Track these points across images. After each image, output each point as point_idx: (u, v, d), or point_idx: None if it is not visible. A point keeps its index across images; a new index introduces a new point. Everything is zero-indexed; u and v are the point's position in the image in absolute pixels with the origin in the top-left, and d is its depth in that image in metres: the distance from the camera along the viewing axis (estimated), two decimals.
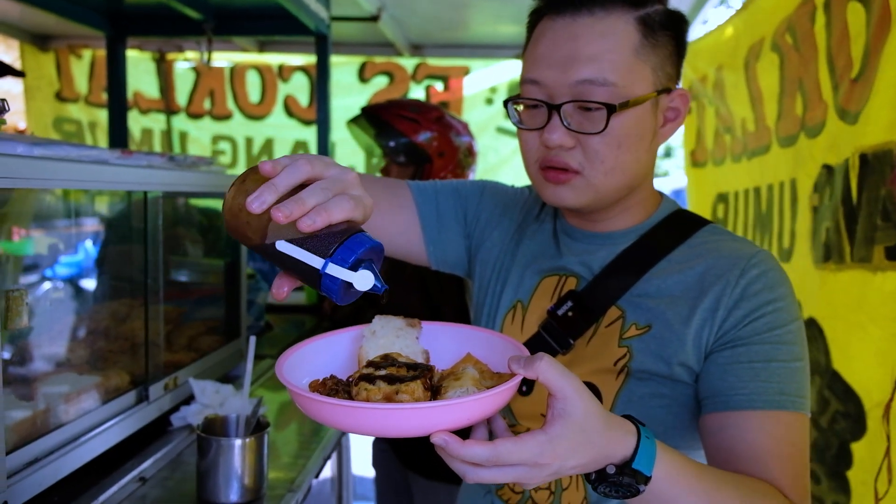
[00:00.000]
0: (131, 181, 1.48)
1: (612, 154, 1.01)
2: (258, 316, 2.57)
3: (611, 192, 1.04)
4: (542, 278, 1.15)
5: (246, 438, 1.28)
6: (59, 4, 2.59)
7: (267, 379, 2.13)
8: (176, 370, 1.68)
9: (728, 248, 1.06)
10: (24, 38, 4.17)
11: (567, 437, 0.74)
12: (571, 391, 0.74)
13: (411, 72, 4.41)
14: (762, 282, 1.00)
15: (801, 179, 1.99)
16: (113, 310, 1.58)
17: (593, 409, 0.76)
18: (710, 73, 3.00)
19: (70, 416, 1.31)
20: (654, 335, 1.02)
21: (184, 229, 1.91)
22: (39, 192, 1.30)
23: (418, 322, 0.92)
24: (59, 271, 1.48)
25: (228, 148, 4.64)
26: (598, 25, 0.99)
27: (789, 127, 2.11)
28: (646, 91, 1.01)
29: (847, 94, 1.66)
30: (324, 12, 2.86)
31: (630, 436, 0.79)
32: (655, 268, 1.07)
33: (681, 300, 1.03)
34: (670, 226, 1.11)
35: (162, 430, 1.61)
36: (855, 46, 1.64)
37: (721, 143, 2.98)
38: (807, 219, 1.91)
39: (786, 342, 0.98)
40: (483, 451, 0.71)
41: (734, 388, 0.96)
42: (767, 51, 2.25)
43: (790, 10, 2.04)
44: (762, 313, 0.98)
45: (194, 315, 1.92)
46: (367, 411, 0.71)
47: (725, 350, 0.99)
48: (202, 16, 2.70)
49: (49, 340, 1.37)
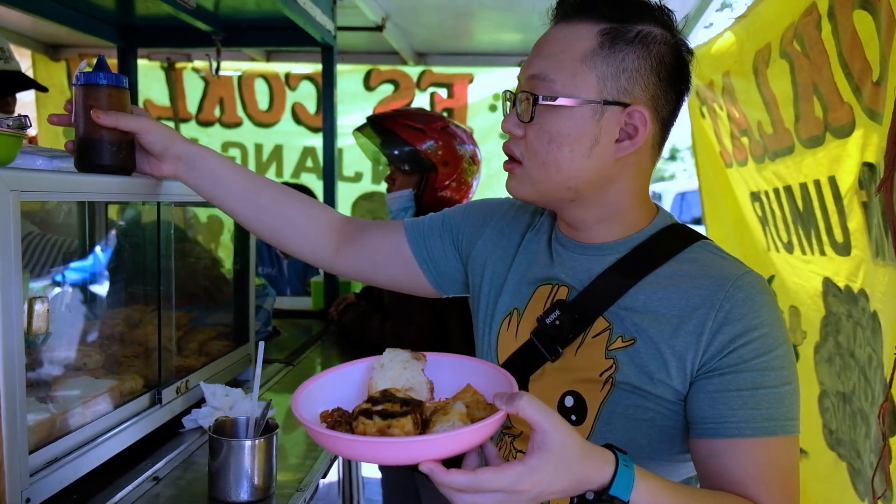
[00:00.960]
0: (146, 192, 1.54)
1: (543, 148, 1.07)
2: (266, 321, 2.63)
3: (550, 189, 1.10)
4: (536, 287, 1.19)
5: (256, 439, 1.33)
6: (72, 17, 2.65)
7: (275, 383, 2.18)
8: (187, 374, 1.73)
9: (715, 267, 1.07)
10: (35, 48, 4.25)
11: (544, 468, 0.82)
12: (549, 426, 0.82)
13: (416, 79, 4.47)
14: (747, 305, 1.01)
15: (840, 177, 2.03)
16: (127, 315, 1.63)
17: (570, 441, 0.83)
18: (716, 79, 3.04)
19: (87, 418, 1.36)
20: (638, 349, 1.05)
21: (195, 237, 1.97)
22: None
23: (423, 355, 1.02)
24: (74, 278, 1.54)
25: (239, 154, 4.71)
26: (563, 31, 1.07)
27: (811, 129, 2.15)
28: (586, 96, 1.04)
29: (872, 96, 1.71)
30: (330, 24, 2.92)
31: (608, 464, 0.86)
32: (643, 281, 1.08)
33: (664, 318, 1.04)
34: (661, 240, 1.13)
35: (174, 431, 1.66)
36: (869, 51, 1.69)
37: (739, 145, 3.02)
38: (858, 214, 1.94)
39: (773, 367, 1.00)
40: (464, 479, 0.80)
41: (723, 416, 1.00)
42: (777, 57, 2.29)
43: (794, 17, 2.09)
44: (748, 339, 1.00)
45: (204, 321, 1.98)
46: (362, 443, 0.83)
47: (713, 377, 1.01)
48: (211, 28, 2.76)
49: (66, 345, 1.42)
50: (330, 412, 0.92)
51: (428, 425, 0.86)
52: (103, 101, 1.33)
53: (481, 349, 1.27)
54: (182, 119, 4.65)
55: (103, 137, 1.33)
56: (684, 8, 3.33)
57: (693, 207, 10.91)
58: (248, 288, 2.13)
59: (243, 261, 2.12)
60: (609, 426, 1.06)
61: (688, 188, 12.73)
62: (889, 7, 1.55)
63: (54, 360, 1.37)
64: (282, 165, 4.70)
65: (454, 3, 3.34)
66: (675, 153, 24.45)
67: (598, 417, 1.07)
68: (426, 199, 2.49)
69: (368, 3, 3.29)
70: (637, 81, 1.05)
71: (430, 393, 0.99)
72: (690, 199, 11.35)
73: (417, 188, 2.49)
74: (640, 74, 1.05)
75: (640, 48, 1.04)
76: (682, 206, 11.36)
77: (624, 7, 1.05)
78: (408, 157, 2.49)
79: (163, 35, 3.11)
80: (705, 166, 3.69)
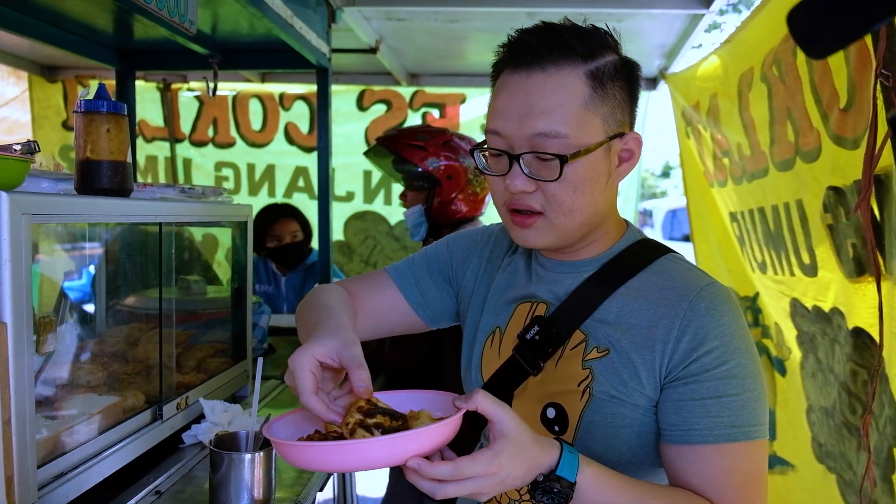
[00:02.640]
0: (148, 214, 1.58)
1: (570, 198, 1.10)
2: (262, 339, 2.66)
3: (572, 230, 1.14)
4: (516, 306, 1.25)
5: (256, 453, 1.37)
6: (71, 41, 2.69)
7: (271, 399, 2.22)
8: (187, 390, 1.77)
9: (680, 278, 1.14)
10: (32, 70, 4.28)
11: (506, 451, 0.92)
12: (504, 416, 0.93)
13: (409, 100, 4.53)
14: (709, 315, 1.07)
15: (807, 200, 2.09)
16: (128, 334, 1.67)
17: (522, 429, 0.94)
18: (703, 101, 3.10)
19: (91, 433, 1.40)
20: (612, 360, 1.11)
21: (193, 256, 2.01)
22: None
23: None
24: (77, 297, 1.58)
25: (231, 174, 4.75)
26: (549, 82, 1.07)
27: (784, 152, 2.21)
28: (597, 139, 1.09)
29: (839, 123, 1.77)
30: (325, 46, 2.98)
31: (553, 448, 0.96)
32: (615, 294, 1.15)
33: (635, 329, 1.11)
34: (632, 254, 1.19)
35: (174, 447, 1.70)
36: (838, 78, 1.75)
37: (720, 165, 3.08)
38: (823, 236, 2.00)
39: (735, 375, 1.05)
40: (447, 468, 0.89)
41: (688, 423, 1.05)
42: (757, 81, 2.36)
43: (775, 43, 2.15)
44: (710, 348, 1.05)
45: (203, 338, 2.02)
46: (352, 446, 0.89)
47: (678, 386, 1.07)
48: (208, 51, 2.81)
49: (70, 363, 1.46)
50: (307, 437, 1.00)
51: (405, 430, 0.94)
52: (103, 127, 1.40)
53: (467, 369, 1.32)
54: (176, 139, 4.69)
55: (103, 161, 1.39)
56: (672, 30, 3.41)
57: (684, 225, 11.03)
58: (245, 306, 2.17)
59: (240, 279, 2.16)
60: (590, 434, 1.12)
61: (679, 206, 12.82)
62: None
63: (59, 378, 1.40)
64: (274, 185, 4.74)
65: (447, 27, 3.40)
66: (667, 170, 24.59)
67: (578, 427, 1.12)
68: (436, 213, 2.58)
69: (362, 26, 3.35)
70: (625, 110, 1.14)
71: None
72: (681, 217, 11.47)
73: (426, 203, 2.58)
74: (625, 103, 1.13)
75: (619, 80, 1.11)
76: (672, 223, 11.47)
77: (590, 42, 1.09)
78: (414, 175, 2.59)
79: (160, 58, 3.15)
80: (692, 185, 3.76)
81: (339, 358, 1.01)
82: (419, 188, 2.60)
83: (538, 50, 1.08)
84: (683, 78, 3.37)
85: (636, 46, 3.63)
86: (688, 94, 3.29)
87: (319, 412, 0.97)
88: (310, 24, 2.73)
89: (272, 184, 4.74)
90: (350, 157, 4.45)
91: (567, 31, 1.10)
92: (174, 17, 1.82)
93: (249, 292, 2.19)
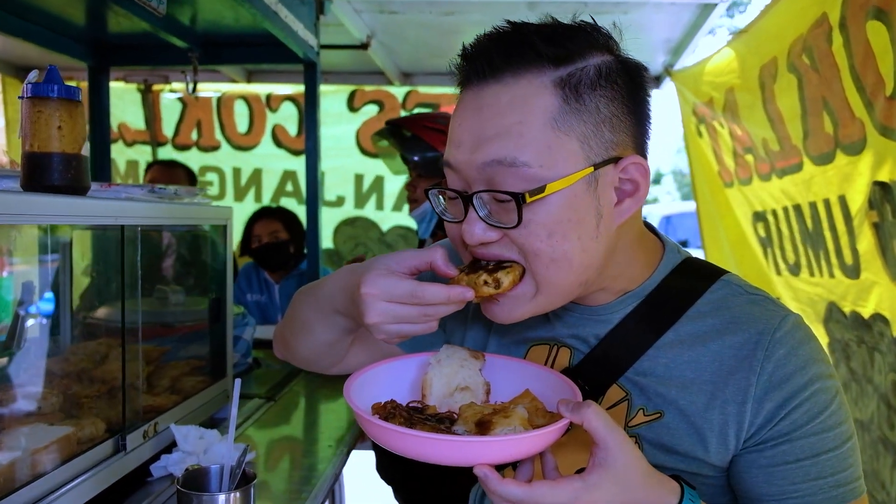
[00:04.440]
0: (107, 215, 1.39)
1: (544, 245, 0.84)
2: (245, 353, 2.47)
3: (560, 291, 0.88)
4: (529, 347, 1.04)
5: (230, 493, 1.18)
6: (40, 34, 2.51)
7: (255, 421, 2.02)
8: (157, 415, 1.57)
9: (745, 316, 0.91)
10: (5, 70, 4.11)
11: (603, 487, 0.76)
12: (614, 443, 0.75)
13: (401, 100, 4.38)
14: (793, 363, 0.88)
15: (850, 196, 1.96)
16: (89, 351, 1.48)
17: (634, 464, 0.76)
18: (717, 96, 2.97)
19: (38, 470, 1.20)
20: (666, 425, 0.91)
21: (167, 263, 1.82)
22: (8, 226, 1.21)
23: (482, 355, 0.98)
24: (29, 310, 1.38)
25: (216, 178, 4.57)
26: (505, 95, 0.83)
27: (821, 145, 2.07)
28: (574, 168, 0.83)
29: (886, 112, 1.63)
30: (313, 39, 2.80)
31: (672, 496, 0.79)
32: (661, 340, 0.93)
33: (695, 385, 0.90)
34: (677, 286, 0.96)
35: (141, 480, 1.50)
36: (883, 64, 1.61)
37: (743, 163, 2.95)
38: (868, 235, 1.86)
39: (832, 426, 0.87)
40: (518, 490, 0.74)
41: (785, 492, 0.87)
42: (784, 72, 2.23)
43: (803, 30, 2.02)
44: (799, 401, 0.87)
45: (177, 354, 1.82)
46: (415, 438, 0.77)
47: (766, 450, 0.88)
48: (187, 44, 2.63)
49: (17, 387, 1.27)
50: (383, 404, 0.91)
51: (488, 426, 0.81)
52: (54, 115, 1.20)
53: None
54: (158, 143, 4.51)
55: (53, 154, 1.19)
56: (674, 34, 3.26)
57: (678, 230, 10.90)
58: (225, 318, 1.98)
59: (220, 288, 1.97)
60: None
61: (673, 211, 12.75)
62: None
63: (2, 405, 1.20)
64: (261, 190, 4.56)
65: (441, 20, 3.24)
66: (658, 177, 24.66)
67: None
68: None
69: (353, 19, 3.19)
70: (619, 128, 0.87)
71: (486, 395, 0.96)
72: (676, 222, 11.35)
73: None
74: (619, 119, 0.86)
75: (607, 88, 0.85)
76: (667, 229, 11.36)
77: (563, 41, 0.84)
78: (430, 161, 2.41)
79: (136, 53, 2.97)
80: (702, 187, 3.62)
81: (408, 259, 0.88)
82: (433, 176, 2.41)
83: (490, 56, 0.84)
84: (692, 74, 3.23)
85: (640, 42, 3.47)
86: (698, 90, 3.15)
87: (444, 296, 0.84)
88: (296, 14, 2.55)
89: (259, 188, 4.56)
90: (340, 159, 4.29)
91: (534, 31, 0.85)
92: None
93: (230, 302, 1.99)
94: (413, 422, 0.86)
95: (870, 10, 1.61)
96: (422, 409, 0.93)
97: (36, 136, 1.22)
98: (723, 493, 0.94)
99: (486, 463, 0.75)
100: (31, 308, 1.38)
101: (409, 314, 0.86)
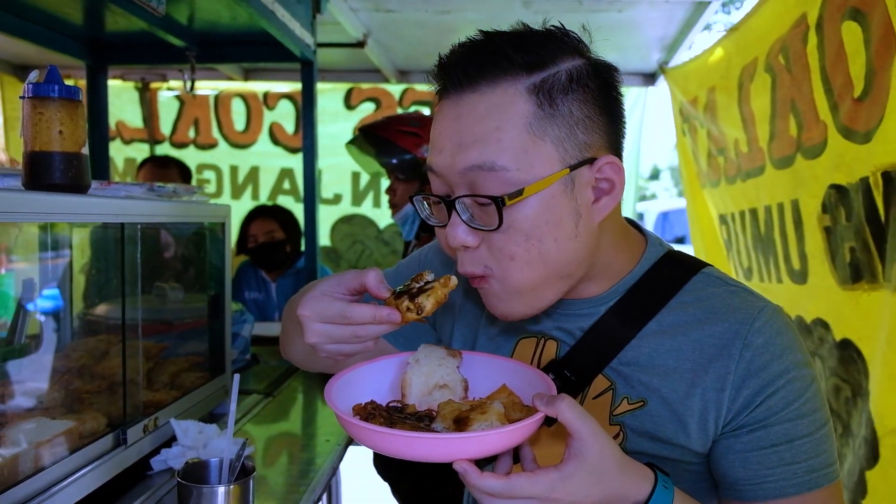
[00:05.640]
0: (108, 213, 1.41)
1: (522, 248, 0.87)
2: (243, 349, 2.49)
3: (541, 285, 0.91)
4: (518, 340, 1.06)
5: (230, 485, 1.20)
6: (38, 32, 2.52)
7: (253, 416, 2.05)
8: (156, 410, 1.60)
9: (724, 307, 0.94)
10: (3, 69, 4.11)
11: (579, 476, 0.78)
12: (588, 433, 0.78)
13: (398, 98, 4.39)
14: (769, 352, 0.90)
15: (804, 200, 1.95)
16: (90, 347, 1.50)
17: (609, 452, 0.79)
18: (701, 95, 2.97)
19: (41, 463, 1.22)
20: (649, 412, 0.93)
21: (165, 261, 1.84)
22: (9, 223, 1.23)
23: (459, 353, 1.00)
24: (30, 307, 1.40)
25: (213, 176, 4.58)
26: (482, 103, 0.86)
27: (784, 148, 2.07)
28: (550, 170, 0.86)
29: (851, 113, 1.63)
30: (309, 38, 2.82)
31: (646, 481, 0.82)
32: (644, 330, 0.96)
33: (676, 374, 0.93)
34: (659, 277, 0.99)
35: (141, 474, 1.52)
36: (854, 65, 1.61)
37: (715, 164, 2.95)
38: (818, 239, 1.86)
39: (806, 413, 0.90)
40: (497, 483, 0.77)
41: (760, 476, 0.90)
42: (761, 72, 2.23)
43: (784, 30, 2.02)
44: (775, 388, 0.89)
45: (176, 351, 1.84)
46: (396, 438, 0.80)
47: (742, 435, 0.90)
48: (185, 43, 2.65)
49: (19, 382, 1.29)
50: (363, 405, 0.92)
51: (465, 423, 0.84)
52: (55, 115, 1.22)
53: None
54: (156, 141, 4.52)
55: (54, 153, 1.21)
56: (669, 31, 3.28)
57: (676, 227, 10.92)
58: (223, 314, 2.00)
59: (218, 286, 1.99)
60: None
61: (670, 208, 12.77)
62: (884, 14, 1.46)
63: (5, 400, 1.23)
64: (258, 188, 4.58)
65: (437, 19, 3.26)
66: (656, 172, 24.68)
67: None
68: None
69: (349, 18, 3.20)
70: (592, 129, 0.89)
71: (464, 391, 0.98)
72: (673, 219, 11.36)
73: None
74: (592, 120, 0.89)
75: (579, 92, 0.88)
76: (664, 225, 11.36)
77: (534, 48, 0.87)
78: (408, 164, 2.42)
79: (134, 52, 2.98)
80: (688, 186, 3.65)
81: (344, 282, 0.91)
82: (411, 179, 2.43)
83: (465, 66, 0.87)
84: (683, 72, 3.25)
85: (634, 40, 3.50)
86: (686, 88, 3.17)
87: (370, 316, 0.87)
88: (293, 13, 2.57)
89: (256, 186, 4.58)
90: (337, 157, 4.29)
91: (506, 40, 0.88)
92: None
93: (228, 300, 2.01)
94: (393, 421, 0.88)
95: (847, 10, 1.61)
96: (401, 409, 0.95)
97: (37, 136, 1.24)
98: (705, 481, 0.96)
99: (465, 458, 0.77)
100: (32, 305, 1.40)
101: (342, 334, 0.89)
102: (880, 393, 1.50)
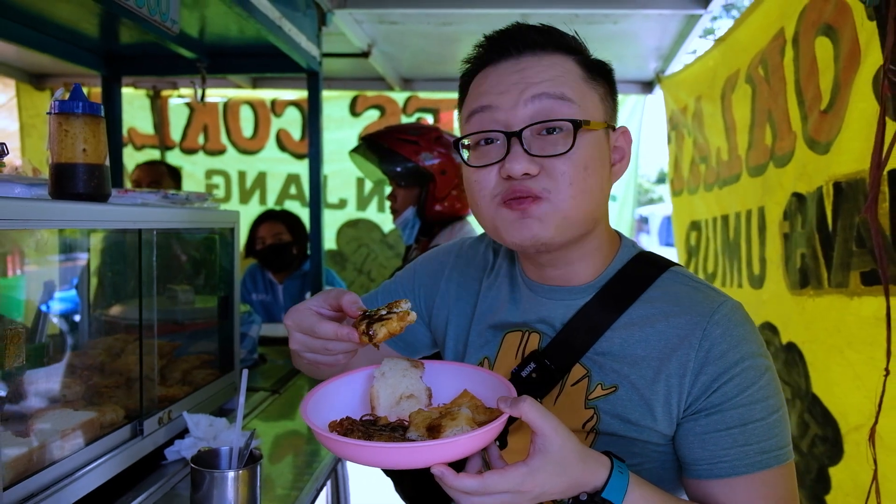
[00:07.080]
0: (126, 220, 1.52)
1: (580, 176, 1.00)
2: (251, 349, 2.59)
3: (578, 219, 1.02)
4: (504, 334, 1.16)
5: (239, 470, 1.30)
6: (56, 46, 2.63)
7: (261, 412, 2.15)
8: (170, 404, 1.70)
9: (688, 300, 1.04)
10: (20, 78, 4.22)
11: (544, 468, 0.85)
12: (550, 429, 0.85)
13: (402, 105, 4.48)
14: (726, 341, 1.00)
15: (769, 207, 2.03)
16: (108, 345, 1.60)
17: (569, 445, 0.87)
18: (690, 104, 3.06)
19: (65, 451, 1.32)
20: (620, 397, 1.03)
21: (178, 264, 1.94)
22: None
23: (421, 363, 1.06)
24: (53, 307, 1.50)
25: (222, 182, 4.69)
26: (543, 61, 1.02)
27: (759, 157, 2.15)
28: (600, 118, 1.04)
29: (816, 125, 1.71)
30: (315, 50, 2.92)
31: (603, 468, 0.89)
32: (617, 323, 1.06)
33: (644, 362, 1.02)
34: (631, 274, 1.10)
35: (156, 463, 1.63)
36: (823, 79, 1.69)
37: (696, 172, 3.03)
38: (777, 245, 1.94)
39: (759, 399, 0.99)
40: (473, 483, 0.84)
41: (715, 456, 0.98)
42: (742, 82, 2.31)
43: (764, 43, 2.10)
44: (731, 376, 0.98)
45: (188, 349, 1.95)
46: (377, 449, 0.86)
47: (700, 418, 0.99)
48: (196, 55, 2.76)
49: (44, 377, 1.39)
50: (339, 422, 0.97)
51: (438, 429, 0.90)
52: (79, 130, 1.33)
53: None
54: (166, 147, 4.63)
55: (78, 165, 1.32)
56: (666, 36, 3.36)
57: None
58: (232, 315, 2.10)
59: (227, 288, 2.09)
60: None
61: None
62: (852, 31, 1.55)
63: (32, 392, 1.33)
64: (265, 193, 4.68)
65: (440, 30, 3.35)
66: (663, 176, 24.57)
67: None
68: (429, 212, 2.51)
69: (354, 29, 3.30)
70: (612, 105, 1.08)
71: (428, 399, 1.04)
72: None
73: (418, 202, 2.51)
74: (611, 98, 1.08)
75: (602, 74, 1.07)
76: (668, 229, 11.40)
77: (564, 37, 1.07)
78: (408, 172, 2.52)
79: (147, 63, 3.09)
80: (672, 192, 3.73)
81: (328, 299, 1.00)
82: (409, 186, 2.53)
83: (527, 35, 1.04)
84: (676, 81, 3.33)
85: (631, 49, 3.58)
86: (678, 97, 3.25)
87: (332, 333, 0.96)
88: (299, 27, 2.67)
89: (263, 191, 4.68)
90: (343, 163, 4.38)
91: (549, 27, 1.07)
92: (154, 15, 1.76)
93: (237, 301, 2.12)
94: (370, 434, 0.93)
95: (820, 26, 1.69)
96: (375, 421, 1.00)
97: (63, 150, 1.34)
98: (673, 462, 1.05)
99: (441, 462, 0.84)
100: (53, 306, 1.50)
101: (314, 346, 1.00)
102: (843, 392, 1.58)
